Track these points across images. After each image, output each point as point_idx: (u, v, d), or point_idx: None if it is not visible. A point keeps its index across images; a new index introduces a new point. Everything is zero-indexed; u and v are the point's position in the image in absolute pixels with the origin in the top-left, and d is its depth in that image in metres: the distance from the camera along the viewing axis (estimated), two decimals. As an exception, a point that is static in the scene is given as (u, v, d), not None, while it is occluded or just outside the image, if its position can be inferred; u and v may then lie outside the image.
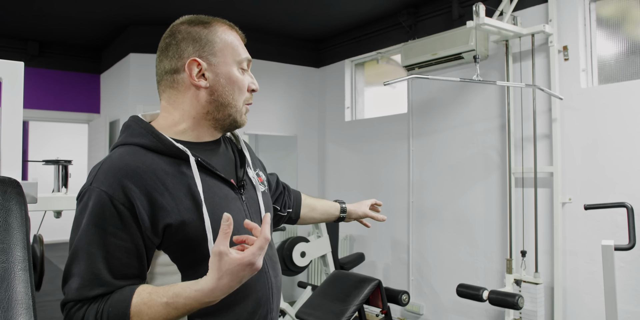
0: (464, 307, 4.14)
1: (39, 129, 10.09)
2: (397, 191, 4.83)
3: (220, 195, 1.19)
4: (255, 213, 1.29)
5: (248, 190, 1.30)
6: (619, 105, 3.23)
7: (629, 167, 3.17)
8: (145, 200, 1.08)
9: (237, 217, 1.17)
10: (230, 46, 1.22)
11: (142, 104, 5.09)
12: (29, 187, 1.14)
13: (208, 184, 1.18)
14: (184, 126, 1.22)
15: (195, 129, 1.23)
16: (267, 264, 1.26)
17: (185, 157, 1.16)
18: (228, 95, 1.21)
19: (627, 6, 3.35)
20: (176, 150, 1.15)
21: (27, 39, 5.59)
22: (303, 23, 5.14)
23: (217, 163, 1.24)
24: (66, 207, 1.82)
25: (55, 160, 2.08)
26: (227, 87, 1.20)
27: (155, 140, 1.15)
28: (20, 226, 0.94)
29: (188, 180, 1.14)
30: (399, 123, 4.85)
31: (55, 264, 8.05)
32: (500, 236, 3.90)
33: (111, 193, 1.06)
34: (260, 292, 1.22)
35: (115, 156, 1.14)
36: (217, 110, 1.21)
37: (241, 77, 1.22)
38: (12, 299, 0.84)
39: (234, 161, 1.33)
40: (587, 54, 3.48)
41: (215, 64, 1.20)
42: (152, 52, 5.14)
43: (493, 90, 3.96)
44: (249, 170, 1.34)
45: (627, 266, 3.16)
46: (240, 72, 1.23)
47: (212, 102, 1.20)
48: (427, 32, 4.49)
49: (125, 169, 1.10)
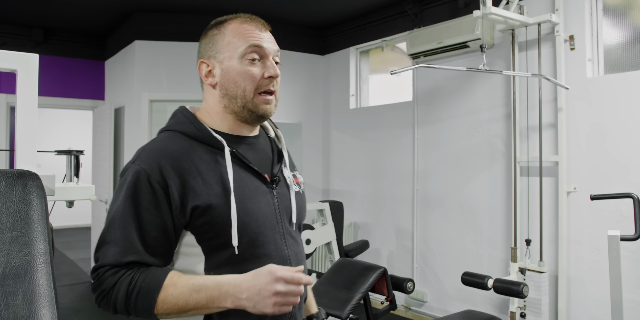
0: (467, 295, 4.17)
1: (43, 115, 10.10)
2: (401, 179, 4.85)
3: (250, 187, 1.25)
4: (284, 209, 1.33)
5: (281, 187, 1.34)
6: (624, 95, 3.23)
7: (635, 157, 3.18)
8: (178, 182, 1.16)
9: (264, 211, 1.26)
10: (233, 40, 1.26)
11: (147, 91, 5.10)
12: (47, 179, 1.16)
13: (240, 175, 1.24)
14: (216, 119, 1.30)
15: (223, 122, 1.30)
16: (292, 260, 1.30)
17: (221, 147, 1.24)
18: (236, 87, 1.25)
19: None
20: (213, 139, 1.24)
21: (32, 26, 5.58)
22: (308, 10, 5.12)
23: (253, 157, 1.30)
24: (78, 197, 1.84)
25: (68, 150, 2.10)
26: (234, 80, 1.25)
27: (196, 129, 1.25)
28: (41, 219, 0.95)
29: (221, 169, 1.22)
30: (403, 111, 4.85)
31: (60, 250, 8.11)
32: (505, 225, 3.92)
33: (149, 171, 1.16)
34: None
35: (158, 140, 1.25)
36: (231, 103, 1.27)
37: (245, 68, 1.24)
38: (36, 291, 0.87)
39: (271, 158, 1.37)
40: (594, 43, 3.47)
41: (221, 60, 1.27)
42: (157, 39, 5.13)
43: (498, 79, 3.96)
44: (285, 170, 1.39)
45: (632, 255, 3.18)
46: (247, 62, 1.25)
47: (224, 96, 1.27)
48: (432, 20, 4.47)
49: (165, 152, 1.20)
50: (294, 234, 1.35)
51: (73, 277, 6.31)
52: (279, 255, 1.27)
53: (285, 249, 1.29)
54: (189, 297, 1.10)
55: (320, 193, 5.82)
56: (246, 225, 1.21)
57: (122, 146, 5.47)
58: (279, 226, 1.29)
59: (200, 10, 5.06)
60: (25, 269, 0.88)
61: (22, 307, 0.84)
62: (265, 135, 1.44)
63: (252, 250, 1.22)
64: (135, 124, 5.18)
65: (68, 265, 7.06)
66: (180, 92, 5.13)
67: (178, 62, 5.15)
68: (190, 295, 1.10)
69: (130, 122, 5.31)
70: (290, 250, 1.30)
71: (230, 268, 1.19)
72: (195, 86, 5.37)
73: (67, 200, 1.87)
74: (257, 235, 1.23)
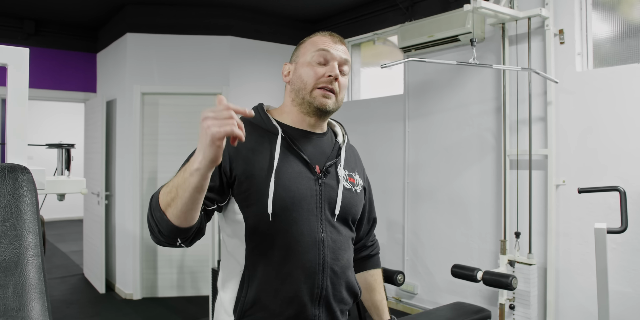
0: (457, 287, 4.22)
1: (35, 108, 10.05)
2: (392, 172, 4.87)
3: (294, 169, 1.40)
4: (327, 199, 1.44)
5: (329, 179, 1.46)
6: (613, 89, 3.26)
7: (622, 151, 3.21)
8: (233, 150, 1.35)
9: (304, 193, 1.39)
10: (309, 47, 1.48)
11: (139, 83, 5.09)
12: (38, 173, 1.17)
13: (289, 158, 1.41)
14: (283, 113, 1.51)
15: (290, 115, 1.49)
16: (326, 244, 1.40)
17: (277, 132, 1.43)
18: (299, 81, 1.45)
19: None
20: (271, 126, 1.45)
21: (24, 18, 5.54)
22: (300, 3, 5.11)
23: (310, 150, 1.46)
24: (69, 191, 1.85)
25: (59, 144, 2.11)
26: (299, 76, 1.46)
27: (260, 117, 1.47)
28: (31, 213, 0.97)
29: (272, 149, 1.40)
30: (395, 104, 4.87)
31: (52, 242, 8.11)
32: (495, 217, 3.96)
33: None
34: (308, 263, 1.37)
35: None
36: (296, 95, 1.47)
37: (309, 69, 1.44)
38: (26, 284, 0.88)
39: (327, 155, 1.50)
40: (583, 37, 3.49)
41: (297, 62, 1.49)
42: (149, 31, 5.11)
43: (489, 72, 3.98)
44: (340, 168, 1.50)
45: (619, 248, 3.23)
46: (315, 63, 1.44)
47: (292, 90, 1.48)
48: (424, 13, 4.48)
49: None
50: (335, 224, 1.44)
51: (65, 270, 6.31)
52: (312, 235, 1.38)
53: (321, 233, 1.40)
54: (175, 179, 1.19)
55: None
56: (280, 199, 1.35)
57: (114, 139, 5.46)
58: (318, 211, 1.41)
59: (192, 3, 5.04)
60: (16, 262, 0.90)
61: (12, 299, 0.85)
62: (333, 138, 1.58)
63: (284, 224, 1.36)
64: (127, 117, 5.17)
65: (60, 257, 7.06)
66: (172, 85, 5.12)
67: (170, 54, 5.13)
68: (175, 177, 1.19)
69: (122, 114, 5.30)
70: (327, 235, 1.41)
71: (265, 237, 1.36)
72: (186, 79, 5.37)
73: (58, 193, 1.88)
74: (290, 210, 1.36)
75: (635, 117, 3.16)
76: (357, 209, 1.54)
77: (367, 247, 1.73)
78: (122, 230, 5.26)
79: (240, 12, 5.23)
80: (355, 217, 1.53)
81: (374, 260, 1.77)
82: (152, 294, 5.15)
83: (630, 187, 3.13)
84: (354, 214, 1.51)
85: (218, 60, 5.17)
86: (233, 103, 1.09)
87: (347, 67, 1.49)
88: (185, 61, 5.15)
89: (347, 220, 1.49)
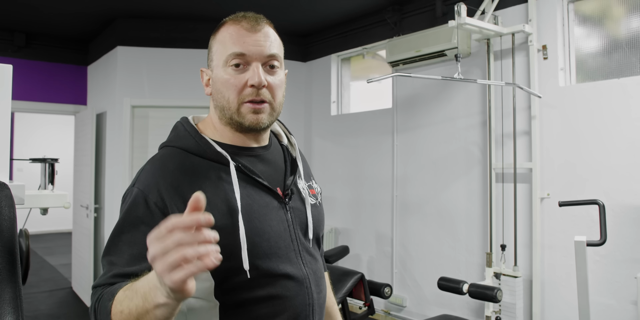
0: (446, 300, 4.23)
1: (25, 120, 10.05)
2: (381, 185, 4.90)
3: (260, 203, 1.16)
4: (300, 224, 1.24)
5: (294, 201, 1.25)
6: (595, 104, 3.31)
7: (603, 165, 3.26)
8: (179, 201, 1.08)
9: (276, 229, 1.17)
10: (220, 46, 1.18)
11: (129, 96, 5.11)
12: (17, 188, 1.19)
13: (248, 191, 1.16)
14: (218, 130, 1.22)
15: (224, 133, 1.22)
16: (310, 279, 1.21)
17: (226, 162, 1.15)
18: (221, 97, 1.17)
19: (605, 6, 3.42)
20: (216, 154, 1.16)
21: (14, 30, 5.56)
22: (290, 17, 5.17)
23: (263, 170, 1.22)
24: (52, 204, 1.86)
25: (42, 158, 2.12)
26: (219, 90, 1.17)
27: (197, 144, 1.17)
28: (8, 228, 0.98)
29: (226, 186, 1.13)
30: (383, 118, 4.91)
31: (40, 255, 8.06)
32: (482, 230, 3.99)
33: (147, 192, 1.09)
34: (299, 308, 1.18)
35: (157, 158, 1.18)
36: (222, 114, 1.19)
37: (226, 77, 1.15)
38: (1, 298, 0.89)
39: (283, 170, 1.28)
40: (566, 53, 3.55)
41: (212, 68, 1.20)
42: (140, 45, 5.15)
43: (475, 87, 4.03)
44: (299, 181, 1.30)
45: (603, 260, 3.26)
46: (231, 70, 1.15)
47: (216, 107, 1.20)
48: (411, 29, 4.54)
49: (163, 171, 1.12)
50: (311, 251, 1.26)
51: (53, 283, 6.28)
52: (297, 274, 1.18)
53: (303, 268, 1.21)
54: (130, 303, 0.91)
55: (301, 198, 5.85)
56: (257, 246, 1.12)
57: (104, 151, 5.47)
58: (294, 243, 1.21)
59: (182, 17, 5.09)
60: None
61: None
62: (278, 144, 1.35)
63: (266, 272, 1.14)
64: (116, 130, 5.19)
65: (48, 270, 7.02)
66: (162, 98, 5.15)
67: (160, 68, 5.17)
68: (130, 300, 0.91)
69: (112, 127, 5.31)
70: (308, 269, 1.22)
71: (243, 292, 1.12)
72: (176, 92, 5.37)
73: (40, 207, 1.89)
74: (269, 256, 1.14)
75: (614, 131, 3.21)
76: (324, 223, 1.38)
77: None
78: (110, 243, 5.24)
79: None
80: (322, 232, 1.36)
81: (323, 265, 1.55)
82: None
83: (612, 200, 3.17)
84: (322, 229, 1.35)
85: (208, 73, 5.20)
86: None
87: (277, 60, 1.20)
88: (175, 74, 5.18)
89: (318, 240, 1.33)
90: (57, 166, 2.21)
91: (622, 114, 3.19)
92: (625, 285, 3.15)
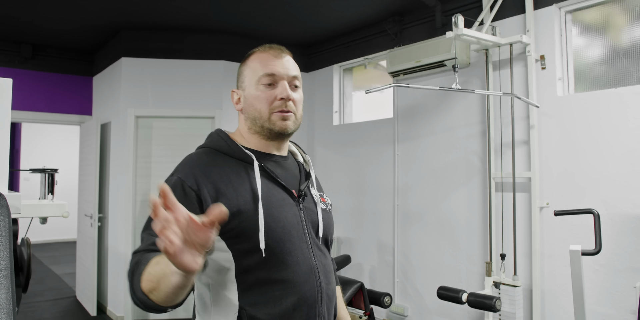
0: (447, 309, 4.23)
1: (31, 130, 10.14)
2: (382, 194, 4.93)
3: (278, 198, 1.37)
4: (312, 222, 1.44)
5: (307, 202, 1.46)
6: (593, 113, 3.33)
7: (602, 174, 3.27)
8: (211, 187, 1.29)
9: (291, 220, 1.37)
10: (252, 70, 1.43)
11: (134, 107, 5.17)
12: (14, 198, 1.23)
13: (268, 186, 1.37)
14: (246, 139, 1.46)
15: (251, 141, 1.46)
16: (319, 270, 1.39)
17: (251, 161, 1.39)
18: (253, 110, 1.41)
19: (603, 16, 3.46)
20: (243, 154, 1.40)
21: (21, 42, 5.65)
22: (292, 29, 5.23)
23: (281, 173, 1.44)
24: (52, 214, 1.90)
25: (42, 169, 2.17)
26: (251, 104, 1.42)
27: (228, 146, 1.41)
28: (3, 236, 1.02)
29: (250, 179, 1.35)
30: (385, 127, 4.95)
31: (46, 265, 8.10)
32: (482, 239, 4.00)
33: (184, 178, 1.30)
34: (308, 293, 1.34)
35: (194, 154, 1.43)
36: (253, 124, 1.43)
37: (258, 93, 1.40)
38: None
39: (298, 177, 1.50)
40: (564, 63, 3.58)
41: (244, 88, 1.45)
42: (143, 56, 5.22)
43: (474, 97, 4.06)
44: (312, 189, 1.51)
45: (602, 269, 3.26)
46: (262, 88, 1.40)
47: (247, 119, 1.44)
48: (411, 39, 4.58)
49: (199, 162, 1.37)
50: (321, 247, 1.45)
51: (57, 292, 6.31)
52: (307, 263, 1.36)
53: (313, 259, 1.38)
54: (154, 267, 1.09)
55: (304, 208, 5.88)
56: (272, 230, 1.30)
57: (108, 161, 5.52)
58: (306, 237, 1.39)
59: (185, 29, 5.16)
60: (-14, 283, 0.95)
61: (-20, 318, 0.90)
62: (294, 159, 1.57)
63: (279, 256, 1.31)
64: (121, 139, 5.25)
65: (53, 279, 7.05)
66: (166, 108, 5.21)
67: (163, 78, 5.23)
68: (158, 264, 1.09)
69: (116, 137, 5.37)
70: (317, 261, 1.39)
71: (259, 273, 1.29)
72: (179, 103, 5.44)
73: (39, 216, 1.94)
74: (283, 241, 1.32)
75: (612, 140, 3.23)
76: (333, 228, 1.56)
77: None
78: (114, 252, 5.28)
79: (233, 38, 5.34)
80: (332, 236, 1.55)
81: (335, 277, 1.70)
82: (143, 316, 5.15)
83: (611, 209, 3.18)
84: (332, 233, 1.53)
85: (211, 84, 5.27)
86: (226, 125, 1.10)
87: (298, 80, 1.45)
88: (178, 85, 5.24)
89: (327, 241, 1.50)
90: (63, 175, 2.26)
91: (620, 123, 3.21)
92: (625, 294, 3.15)
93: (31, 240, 1.82)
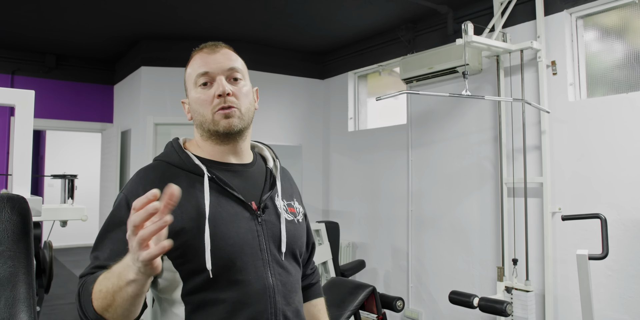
0: (460, 314, 4.25)
1: (55, 137, 10.37)
2: (397, 200, 4.97)
3: (229, 212, 1.26)
4: (272, 237, 1.31)
5: (268, 215, 1.33)
6: (605, 118, 3.35)
7: (615, 178, 3.28)
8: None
9: (243, 236, 1.25)
10: (188, 74, 1.36)
11: (152, 114, 5.29)
12: (35, 202, 1.31)
13: (219, 200, 1.26)
14: (200, 148, 1.37)
15: (205, 149, 1.36)
16: (276, 289, 1.28)
17: (201, 173, 1.28)
18: (198, 115, 1.32)
19: (614, 21, 3.48)
20: (193, 166, 1.30)
21: (45, 53, 5.85)
22: (308, 36, 5.32)
23: (238, 184, 1.32)
24: (71, 217, 2.00)
25: (62, 175, 2.27)
26: (195, 110, 1.33)
27: (179, 158, 1.32)
28: (25, 237, 1.10)
29: (198, 194, 1.25)
30: (398, 134, 5.00)
31: (69, 269, 8.26)
32: (495, 244, 4.02)
33: (129, 195, 1.25)
34: (259, 315, 1.24)
35: (143, 169, 1.34)
36: (202, 130, 1.34)
37: (198, 95, 1.31)
38: (16, 298, 1.01)
39: (261, 187, 1.38)
40: (575, 68, 3.61)
41: (188, 94, 1.37)
42: (162, 65, 5.35)
43: (486, 103, 4.10)
44: (277, 199, 1.39)
45: (615, 275, 3.27)
46: (199, 90, 1.31)
47: (197, 126, 1.36)
48: (424, 46, 4.64)
49: (145, 179, 1.28)
50: (283, 263, 1.32)
51: (80, 296, 6.43)
52: (260, 282, 1.25)
53: (269, 278, 1.27)
54: (106, 283, 1.07)
55: (320, 214, 5.95)
56: (220, 249, 1.21)
57: (128, 167, 5.65)
58: (263, 253, 1.28)
59: (202, 38, 5.26)
60: (9, 279, 1.03)
61: (3, 310, 0.99)
62: (263, 165, 1.45)
63: (228, 276, 1.22)
64: (140, 146, 5.37)
65: (75, 283, 7.18)
66: (184, 116, 5.31)
67: (181, 87, 5.29)
68: (108, 280, 1.06)
69: (136, 144, 5.50)
70: (275, 279, 1.28)
71: (206, 294, 1.21)
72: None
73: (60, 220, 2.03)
74: (232, 260, 1.22)
75: (625, 145, 3.24)
76: (303, 240, 1.45)
77: (307, 276, 1.60)
78: (134, 256, 5.38)
79: (249, 46, 5.45)
80: (301, 249, 1.43)
81: (316, 289, 1.64)
82: None
83: (624, 213, 3.19)
84: (300, 246, 1.41)
85: (228, 91, 5.35)
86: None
87: (238, 72, 1.34)
88: (196, 93, 5.33)
89: (295, 255, 1.39)
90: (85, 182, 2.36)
91: (632, 128, 3.22)
92: (638, 300, 3.15)
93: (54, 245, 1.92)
